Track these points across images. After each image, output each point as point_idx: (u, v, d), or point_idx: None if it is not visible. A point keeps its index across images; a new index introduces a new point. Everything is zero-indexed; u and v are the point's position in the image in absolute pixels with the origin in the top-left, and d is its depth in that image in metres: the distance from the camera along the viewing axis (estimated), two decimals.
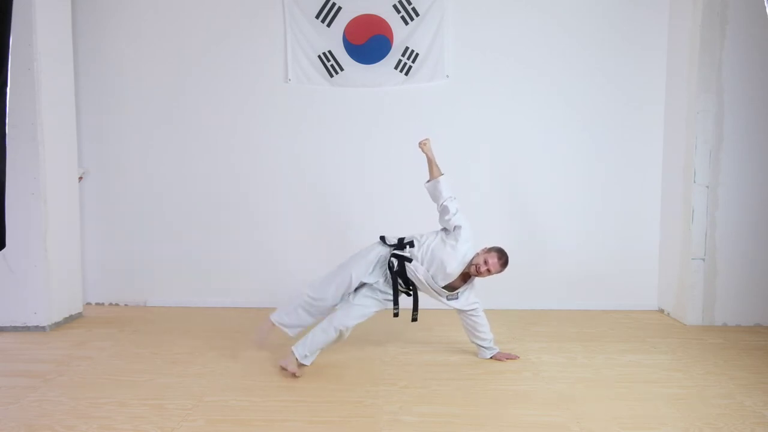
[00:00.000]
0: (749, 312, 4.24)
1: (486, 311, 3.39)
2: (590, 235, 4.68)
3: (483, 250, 3.24)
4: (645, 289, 4.70)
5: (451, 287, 3.26)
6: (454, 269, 3.19)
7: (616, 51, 4.58)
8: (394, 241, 3.34)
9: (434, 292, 3.27)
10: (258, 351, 3.54)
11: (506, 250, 3.26)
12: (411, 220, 4.66)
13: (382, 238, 3.39)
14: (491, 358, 3.40)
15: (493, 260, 3.16)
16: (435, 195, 3.36)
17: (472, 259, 3.20)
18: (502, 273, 3.26)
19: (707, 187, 4.19)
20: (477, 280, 3.33)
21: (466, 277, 3.28)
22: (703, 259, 4.22)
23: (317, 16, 4.54)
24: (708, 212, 4.20)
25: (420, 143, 3.39)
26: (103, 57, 4.62)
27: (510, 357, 3.42)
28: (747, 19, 4.07)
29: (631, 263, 4.69)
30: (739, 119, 4.15)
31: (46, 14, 3.96)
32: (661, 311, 4.63)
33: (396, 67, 4.58)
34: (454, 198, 3.31)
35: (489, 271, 3.16)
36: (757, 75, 4.12)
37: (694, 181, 4.20)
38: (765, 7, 2.67)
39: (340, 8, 4.53)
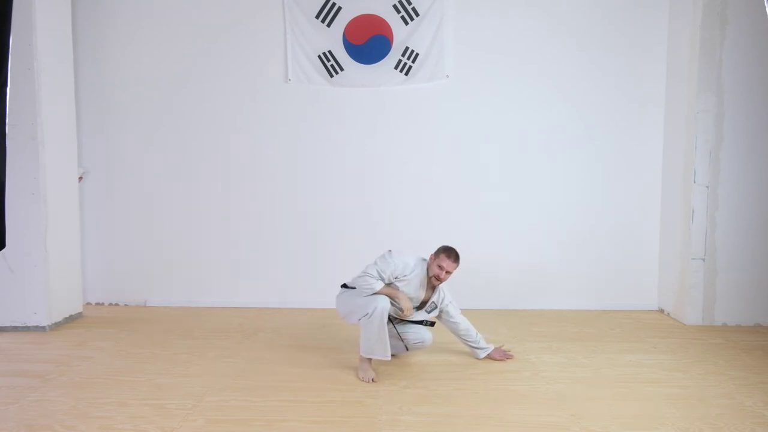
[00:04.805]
0: (749, 312, 4.24)
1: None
2: (590, 235, 4.68)
3: (431, 258, 3.24)
4: (645, 289, 4.70)
5: (423, 302, 3.28)
6: (416, 290, 3.20)
7: (616, 51, 4.58)
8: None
9: (414, 315, 3.26)
10: (258, 351, 3.54)
11: (456, 247, 3.23)
12: (411, 219, 4.68)
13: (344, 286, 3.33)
14: (487, 357, 3.40)
15: (446, 263, 3.17)
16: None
17: (427, 271, 3.22)
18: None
19: (707, 187, 4.19)
20: (459, 283, 3.27)
21: (431, 286, 3.29)
22: (703, 259, 4.22)
23: (317, 16, 4.54)
24: (708, 212, 4.20)
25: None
26: (103, 57, 4.63)
27: (506, 356, 3.42)
28: (747, 19, 4.07)
29: (631, 263, 4.69)
30: (739, 119, 4.15)
31: (46, 14, 3.96)
32: (661, 311, 4.63)
33: (396, 67, 4.58)
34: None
35: (448, 273, 3.19)
36: (757, 75, 4.12)
37: (694, 182, 4.20)
38: (765, 7, 2.67)
39: (340, 8, 4.53)
